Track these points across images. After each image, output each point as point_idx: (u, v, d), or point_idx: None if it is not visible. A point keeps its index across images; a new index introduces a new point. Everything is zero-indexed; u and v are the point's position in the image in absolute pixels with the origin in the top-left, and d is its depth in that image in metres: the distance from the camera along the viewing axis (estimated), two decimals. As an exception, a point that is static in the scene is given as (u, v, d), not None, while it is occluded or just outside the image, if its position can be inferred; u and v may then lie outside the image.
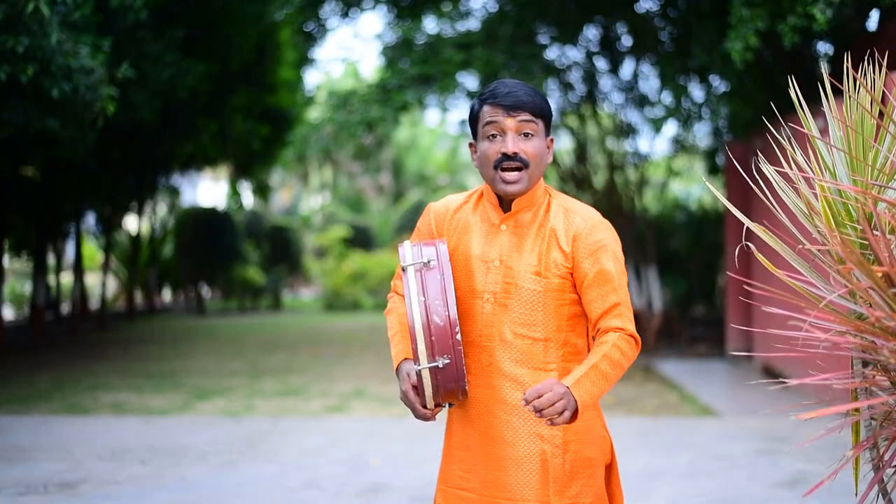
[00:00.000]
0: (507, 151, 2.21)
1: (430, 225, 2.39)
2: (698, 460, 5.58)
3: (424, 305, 2.12)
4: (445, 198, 2.42)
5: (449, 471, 2.32)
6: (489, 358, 2.25)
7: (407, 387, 2.19)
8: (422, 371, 2.12)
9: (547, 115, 2.27)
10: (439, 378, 2.13)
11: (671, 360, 10.48)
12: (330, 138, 10.86)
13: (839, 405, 1.79)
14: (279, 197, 30.74)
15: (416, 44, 10.39)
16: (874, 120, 2.12)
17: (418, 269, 2.17)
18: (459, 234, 2.33)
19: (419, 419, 2.23)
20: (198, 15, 11.32)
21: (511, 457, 2.21)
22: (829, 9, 6.42)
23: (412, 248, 2.22)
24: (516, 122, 2.21)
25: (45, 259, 14.10)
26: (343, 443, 6.21)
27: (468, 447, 2.28)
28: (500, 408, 2.24)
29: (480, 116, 2.26)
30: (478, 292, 2.27)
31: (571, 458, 2.21)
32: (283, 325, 16.59)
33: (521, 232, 2.28)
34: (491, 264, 2.27)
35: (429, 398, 2.16)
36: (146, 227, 19.26)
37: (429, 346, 2.11)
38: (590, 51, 11.81)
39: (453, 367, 2.11)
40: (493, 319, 2.24)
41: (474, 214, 2.35)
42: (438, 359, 2.11)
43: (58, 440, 6.27)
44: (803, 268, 2.17)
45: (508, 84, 2.25)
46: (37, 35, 6.22)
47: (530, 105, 2.22)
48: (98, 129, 7.89)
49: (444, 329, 2.11)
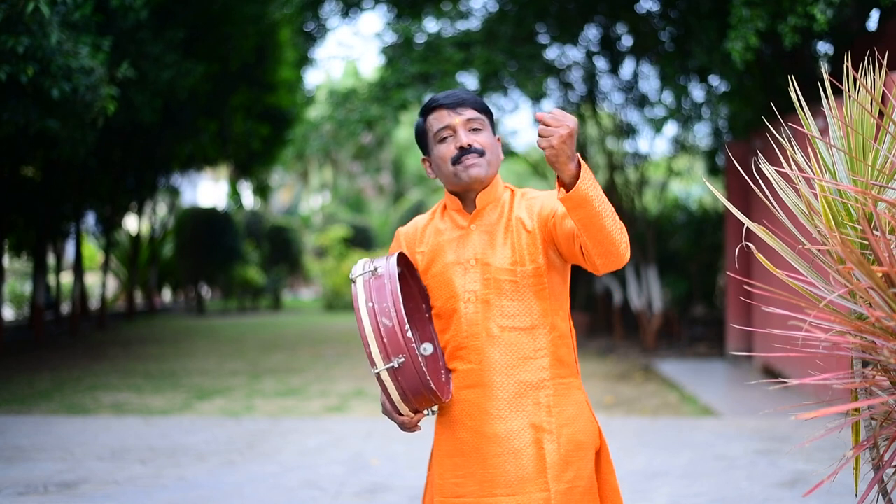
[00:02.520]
0: (462, 144, 2.28)
1: (401, 245, 2.42)
2: (698, 460, 5.58)
3: (373, 310, 2.12)
4: (412, 220, 2.47)
5: (443, 481, 2.30)
6: (478, 356, 2.27)
7: (383, 398, 2.21)
8: (381, 374, 2.12)
9: (489, 112, 2.36)
10: (400, 379, 2.12)
11: (671, 360, 10.48)
12: (330, 137, 10.86)
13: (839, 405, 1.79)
14: (279, 197, 30.76)
15: (417, 43, 10.39)
16: (874, 120, 2.11)
17: (366, 280, 2.18)
18: (432, 246, 2.37)
19: (404, 430, 2.25)
20: (198, 15, 11.33)
21: (507, 450, 2.22)
22: (829, 9, 6.42)
23: (361, 262, 2.24)
24: (463, 119, 2.29)
25: (45, 259, 14.11)
26: (343, 443, 6.21)
27: (461, 452, 2.27)
28: (492, 404, 2.25)
29: (428, 127, 2.34)
30: (459, 295, 2.29)
31: (565, 442, 2.24)
32: (283, 325, 16.59)
33: (490, 230, 2.32)
34: (467, 264, 2.30)
35: (398, 402, 2.16)
36: (146, 227, 19.27)
37: (381, 348, 2.11)
38: (590, 51, 11.81)
39: (410, 365, 2.10)
40: (477, 318, 2.27)
41: (442, 223, 2.40)
42: (393, 359, 2.10)
43: (58, 440, 6.27)
44: (803, 268, 2.17)
45: (445, 91, 2.36)
46: (37, 35, 6.22)
47: (471, 101, 2.31)
48: (98, 129, 7.90)
49: (393, 329, 2.10)
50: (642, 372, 9.65)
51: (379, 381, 2.15)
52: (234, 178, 19.26)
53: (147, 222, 19.19)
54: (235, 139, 15.53)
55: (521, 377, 2.25)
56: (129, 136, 12.62)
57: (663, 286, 12.41)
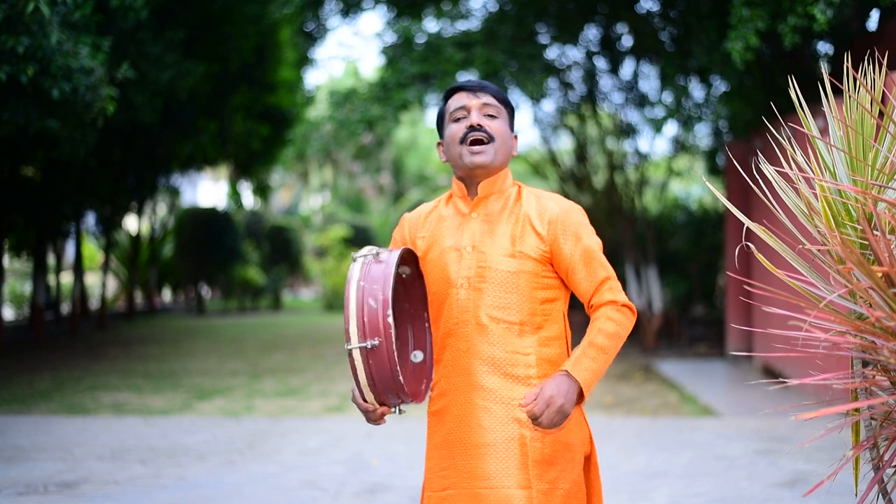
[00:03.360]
0: (472, 123, 2.28)
1: (404, 232, 2.44)
2: (698, 460, 5.58)
3: (362, 289, 2.13)
4: (419, 206, 2.49)
5: (431, 476, 2.30)
6: (466, 344, 2.26)
7: (353, 385, 2.21)
8: (353, 351, 2.12)
9: (510, 106, 2.37)
10: (371, 362, 2.11)
11: (671, 360, 10.48)
12: (330, 137, 10.86)
13: (839, 405, 1.79)
14: (279, 197, 30.74)
15: (417, 43, 10.40)
16: (874, 120, 2.11)
17: (366, 262, 2.19)
18: (433, 231, 2.38)
19: (368, 421, 2.25)
20: (198, 15, 11.33)
21: (489, 443, 2.21)
22: (829, 9, 6.42)
23: (368, 247, 2.26)
24: (480, 102, 2.31)
25: (45, 259, 14.11)
26: (343, 443, 6.21)
27: (447, 443, 2.27)
28: (476, 393, 2.24)
29: (447, 108, 2.36)
30: (452, 280, 2.29)
31: (550, 441, 2.21)
32: (283, 325, 16.59)
33: (491, 219, 2.31)
34: (464, 250, 2.30)
35: (364, 387, 2.15)
36: (146, 227, 19.26)
37: (360, 326, 2.10)
38: (590, 51, 11.82)
39: (384, 351, 2.09)
40: (468, 304, 2.26)
41: (446, 210, 2.40)
42: (368, 340, 2.10)
43: (58, 440, 6.27)
44: (803, 268, 2.17)
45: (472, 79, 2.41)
46: (37, 35, 6.22)
47: (493, 89, 2.33)
48: (98, 130, 7.90)
49: (376, 311, 2.10)
50: (642, 372, 9.65)
51: (350, 360, 2.14)
52: (234, 178, 19.26)
53: (147, 222, 19.19)
54: (235, 139, 15.53)
55: (507, 370, 2.24)
56: (129, 136, 12.61)
57: (663, 286, 12.41)
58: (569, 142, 13.47)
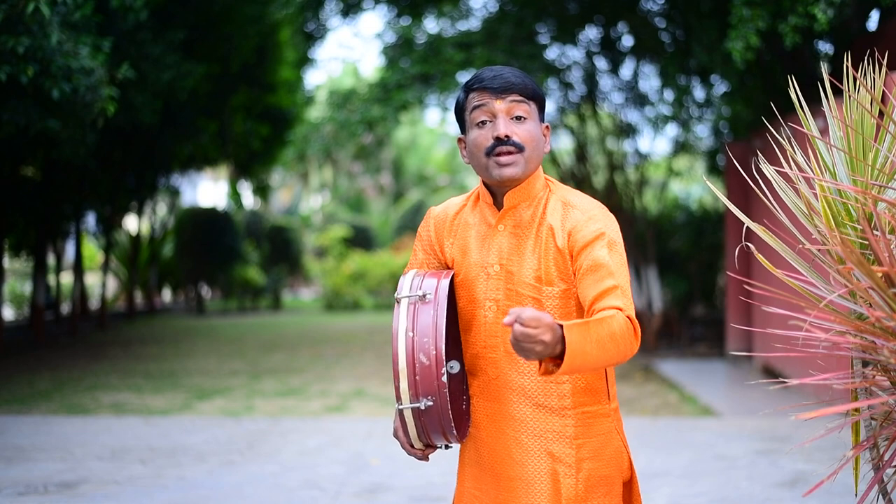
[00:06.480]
0: (499, 135, 2.05)
1: (430, 230, 2.25)
2: (698, 460, 5.58)
3: (412, 342, 1.96)
4: (446, 201, 2.29)
5: (463, 489, 2.20)
6: (496, 370, 2.11)
7: (397, 424, 2.08)
8: (403, 411, 1.99)
9: (539, 97, 2.12)
10: (424, 420, 1.99)
11: (671, 360, 10.48)
12: (330, 137, 10.86)
13: (839, 405, 1.79)
14: (279, 197, 30.75)
15: (417, 43, 10.40)
16: (874, 120, 2.11)
17: (412, 303, 2.01)
18: (459, 241, 2.19)
19: (410, 455, 2.12)
20: (198, 16, 11.34)
21: (520, 477, 2.08)
22: (829, 9, 6.42)
23: (412, 279, 2.07)
24: (507, 105, 2.06)
25: (45, 259, 14.10)
26: (343, 443, 6.21)
27: (480, 464, 2.16)
28: (508, 424, 2.10)
29: (467, 105, 2.12)
30: (479, 301, 2.13)
31: (585, 476, 2.07)
32: (283, 325, 16.59)
33: (520, 232, 2.12)
34: (490, 269, 2.12)
35: (414, 438, 2.04)
36: (146, 227, 19.26)
37: (412, 385, 1.96)
38: (590, 51, 11.81)
39: (437, 410, 1.97)
40: (496, 329, 2.10)
41: (472, 217, 2.20)
42: (422, 399, 1.96)
43: (58, 440, 6.27)
44: (803, 268, 2.17)
45: (495, 68, 2.10)
46: (37, 35, 6.22)
47: (520, 86, 2.07)
48: (98, 130, 7.90)
49: (430, 368, 1.95)
50: (642, 372, 9.65)
51: (399, 415, 2.02)
52: (234, 178, 19.26)
53: (147, 222, 19.19)
54: (235, 139, 15.54)
55: (539, 401, 2.09)
56: (129, 136, 12.62)
57: (663, 286, 12.40)
58: (569, 142, 13.46)
